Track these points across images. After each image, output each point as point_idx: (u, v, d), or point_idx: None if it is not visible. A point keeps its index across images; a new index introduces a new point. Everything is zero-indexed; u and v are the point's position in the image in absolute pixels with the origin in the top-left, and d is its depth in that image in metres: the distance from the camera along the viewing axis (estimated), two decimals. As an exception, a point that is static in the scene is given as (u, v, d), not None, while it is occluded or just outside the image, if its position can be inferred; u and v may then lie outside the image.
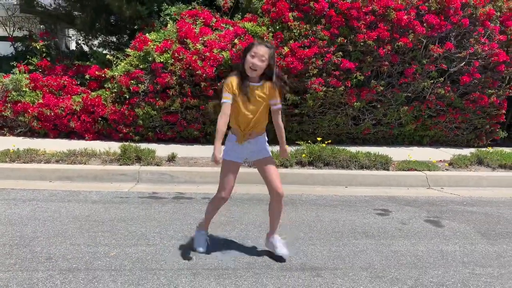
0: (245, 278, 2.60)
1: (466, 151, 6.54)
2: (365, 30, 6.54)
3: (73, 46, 11.04)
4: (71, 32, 10.89)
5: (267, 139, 2.90)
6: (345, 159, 5.63)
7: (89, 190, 4.51)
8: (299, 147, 5.90)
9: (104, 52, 8.58)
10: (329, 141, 6.31)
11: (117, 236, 3.21)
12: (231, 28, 6.95)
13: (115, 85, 6.75)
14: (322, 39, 6.54)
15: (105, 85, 6.87)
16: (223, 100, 2.69)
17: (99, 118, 6.76)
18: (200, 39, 6.70)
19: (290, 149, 5.89)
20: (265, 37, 6.54)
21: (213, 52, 6.50)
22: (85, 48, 9.40)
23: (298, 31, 6.57)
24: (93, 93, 6.82)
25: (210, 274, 2.64)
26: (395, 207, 4.25)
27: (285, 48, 6.50)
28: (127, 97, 6.65)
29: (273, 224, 2.94)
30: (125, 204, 4.06)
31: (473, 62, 6.77)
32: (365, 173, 5.45)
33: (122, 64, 6.82)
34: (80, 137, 6.82)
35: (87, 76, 6.95)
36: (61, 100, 6.80)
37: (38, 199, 4.12)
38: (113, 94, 6.78)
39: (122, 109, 6.64)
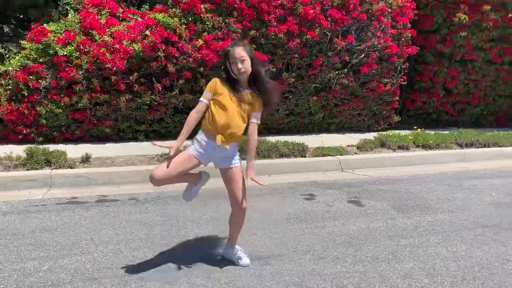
0: (197, 275, 2.58)
1: (369, 135, 7.19)
2: (275, 23, 6.76)
3: None
4: None
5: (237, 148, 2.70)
6: (266, 148, 5.81)
7: (-6, 201, 4.00)
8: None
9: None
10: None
11: (45, 248, 2.92)
12: (140, 19, 6.65)
13: (10, 81, 6.03)
14: (235, 32, 6.61)
15: (-2, 82, 6.09)
16: (201, 98, 2.57)
17: (-7, 119, 5.99)
18: (107, 30, 6.30)
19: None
20: (177, 29, 6.39)
21: (123, 44, 6.17)
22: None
23: (211, 23, 6.53)
24: (-18, 91, 6.00)
25: (159, 277, 2.56)
26: (319, 191, 4.53)
27: (200, 40, 6.43)
28: (26, 94, 5.99)
29: (234, 234, 2.80)
30: (43, 212, 3.69)
31: (371, 54, 7.43)
32: (285, 161, 5.70)
33: (17, 58, 6.12)
34: (-31, 141, 5.99)
35: (-27, 71, 6.09)
36: None
37: None
38: (8, 92, 6.06)
39: (20, 108, 5.96)
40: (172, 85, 6.51)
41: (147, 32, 6.34)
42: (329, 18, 7.04)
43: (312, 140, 6.72)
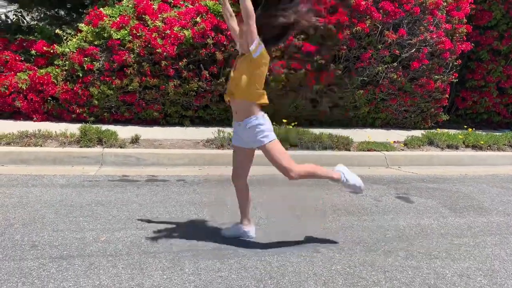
0: (248, 257, 2.61)
1: (416, 133, 6.99)
2: (326, 14, 6.66)
3: (2, 19, 10.05)
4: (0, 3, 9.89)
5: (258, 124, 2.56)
6: (310, 140, 5.77)
7: (52, 174, 4.20)
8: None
9: (47, 26, 7.92)
10: (295, 123, 6.40)
11: (101, 221, 3.04)
12: (190, 6, 6.73)
13: (66, 62, 6.28)
14: (285, 21, 6.55)
15: (55, 62, 6.36)
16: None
17: (49, 98, 6.26)
18: (159, 16, 6.42)
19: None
20: (227, 17, 6.41)
21: (174, 30, 6.27)
22: (21, 22, 8.59)
23: (261, 12, 6.51)
24: (41, 71, 6.29)
25: (211, 255, 2.61)
26: (365, 185, 4.43)
27: (248, 28, 6.42)
28: (80, 75, 6.22)
29: (247, 210, 2.89)
30: (97, 187, 3.84)
31: (422, 49, 7.18)
32: (329, 153, 5.63)
33: (74, 40, 6.36)
34: (27, 117, 6.29)
35: (33, 52, 6.38)
36: (3, 77, 6.19)
37: (-4, 185, 3.77)
38: (64, 72, 6.31)
39: (75, 88, 6.20)
40: (219, 73, 6.57)
41: (198, 19, 6.41)
42: (381, 10, 6.86)
43: (356, 134, 6.60)
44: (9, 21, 8.58)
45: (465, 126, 7.95)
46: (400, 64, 7.25)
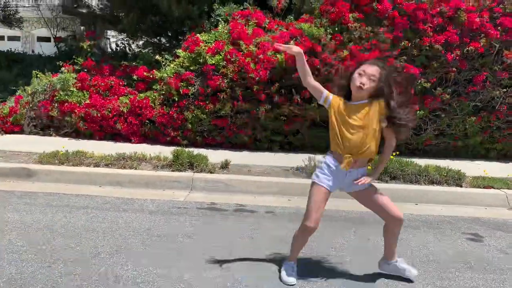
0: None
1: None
2: (431, 33, 6.05)
3: (113, 47, 10.98)
4: (111, 33, 10.82)
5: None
6: (414, 172, 5.14)
7: (143, 198, 4.21)
8: (361, 158, 5.44)
9: (149, 53, 8.38)
10: (397, 152, 5.81)
11: (186, 256, 2.86)
12: (285, 30, 6.58)
13: (164, 87, 6.48)
14: (385, 42, 6.08)
15: (153, 87, 6.61)
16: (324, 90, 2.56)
17: (146, 121, 6.50)
18: (253, 40, 6.36)
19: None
20: (322, 39, 6.15)
21: (267, 54, 6.15)
22: (127, 49, 9.25)
23: (359, 33, 6.13)
24: (140, 95, 6.58)
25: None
26: (485, 232, 3.75)
27: (345, 51, 6.07)
28: (176, 99, 6.37)
29: (391, 249, 2.67)
30: (185, 215, 3.72)
31: (551, 70, 6.15)
32: (436, 189, 4.96)
33: (172, 65, 6.56)
34: (126, 139, 6.59)
35: (134, 77, 6.71)
36: (107, 101, 6.59)
37: (92, 207, 3.84)
38: (161, 96, 6.52)
39: (170, 112, 6.36)
40: (311, 98, 6.24)
41: (291, 42, 6.22)
42: (499, 28, 6.04)
43: (467, 167, 5.78)
44: (118, 49, 9.30)
45: None
46: (524, 87, 6.28)
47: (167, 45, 8.53)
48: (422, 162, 5.50)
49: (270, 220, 3.72)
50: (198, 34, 6.66)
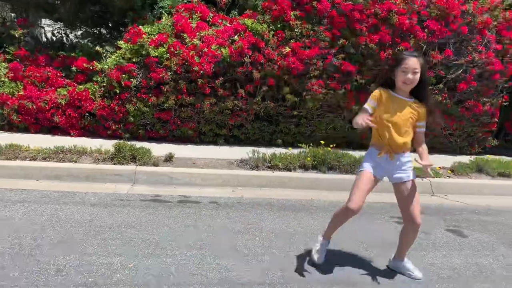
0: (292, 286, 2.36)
1: (462, 158, 6.54)
2: (367, 33, 6.44)
3: (48, 36, 10.40)
4: (46, 21, 10.24)
5: (410, 159, 2.69)
6: (349, 163, 5.48)
7: (84, 191, 4.13)
8: (301, 150, 5.70)
9: (89, 44, 8.10)
10: (334, 145, 6.12)
11: (130, 245, 2.89)
12: (228, 24, 6.68)
13: (105, 78, 6.33)
14: (324, 40, 6.38)
15: (94, 79, 6.43)
16: (365, 105, 2.62)
17: (86, 114, 6.31)
18: (197, 34, 6.39)
19: (294, 151, 5.69)
20: (265, 36, 6.32)
21: (211, 48, 6.22)
22: (65, 39, 8.83)
23: (300, 30, 6.38)
24: (80, 86, 6.36)
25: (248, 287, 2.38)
26: (411, 215, 4.10)
27: (287, 47, 6.29)
28: (118, 92, 6.25)
29: (403, 250, 2.78)
30: (128, 207, 3.72)
31: (470, 70, 6.80)
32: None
33: (113, 57, 6.42)
34: (65, 132, 6.36)
35: (73, 68, 6.48)
36: (44, 92, 6.31)
37: (30, 201, 3.71)
38: (102, 89, 6.36)
39: (111, 105, 6.23)
40: (255, 92, 6.43)
41: (235, 37, 6.34)
42: (426, 30, 6.56)
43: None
44: (54, 39, 8.85)
45: (517, 153, 7.41)
46: (445, 85, 6.87)
47: (108, 36, 8.28)
48: (357, 154, 5.86)
49: (214, 210, 3.82)
50: (140, 26, 6.56)
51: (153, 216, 3.52)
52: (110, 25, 8.27)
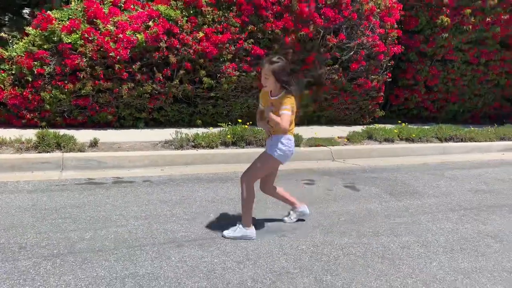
0: (226, 243, 2.93)
1: (356, 128, 7.65)
2: (272, 19, 7.10)
3: None
4: None
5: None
6: (264, 138, 6.16)
7: (15, 180, 4.22)
8: (221, 129, 6.24)
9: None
10: (250, 122, 6.76)
11: (80, 222, 3.21)
12: (141, 10, 6.85)
13: (14, 66, 6.15)
14: (234, 26, 6.91)
15: (1, 67, 6.19)
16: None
17: (-4, 103, 6.11)
18: (110, 20, 6.48)
19: (215, 130, 6.21)
20: (179, 21, 6.64)
21: (126, 34, 6.38)
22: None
23: (211, 17, 6.81)
24: (-14, 75, 6.10)
25: (193, 244, 2.90)
26: (316, 177, 4.94)
27: (200, 33, 6.70)
28: (30, 79, 6.13)
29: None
30: (66, 191, 3.95)
31: (360, 51, 7.87)
32: (282, 150, 6.06)
33: (21, 43, 6.24)
34: (-28, 124, 6.09)
35: (-24, 56, 6.16)
36: None
37: (-40, 193, 3.75)
38: (11, 77, 6.18)
39: (24, 93, 6.11)
40: (173, 75, 6.77)
41: (150, 23, 6.56)
42: (322, 16, 7.42)
43: (305, 131, 7.10)
44: None
45: (399, 121, 8.78)
46: (340, 66, 7.88)
47: (7, 22, 7.84)
48: (270, 129, 6.58)
49: (149, 187, 4.22)
50: (49, 11, 6.43)
51: (93, 197, 3.82)
52: (14, 9, 7.82)
